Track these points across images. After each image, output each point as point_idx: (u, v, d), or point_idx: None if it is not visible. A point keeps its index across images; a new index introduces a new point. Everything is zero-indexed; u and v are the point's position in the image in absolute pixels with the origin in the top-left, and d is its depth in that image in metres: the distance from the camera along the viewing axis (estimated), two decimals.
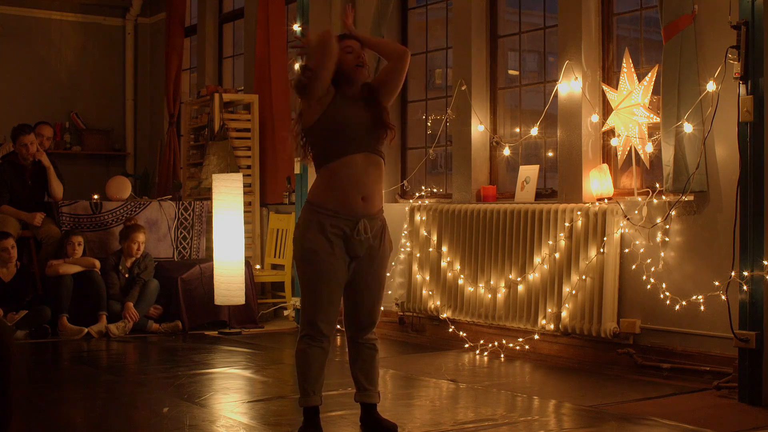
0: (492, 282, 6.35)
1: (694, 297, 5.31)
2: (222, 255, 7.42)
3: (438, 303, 6.74)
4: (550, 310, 5.94)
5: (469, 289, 6.51)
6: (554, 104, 6.22)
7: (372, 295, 4.05)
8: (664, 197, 5.47)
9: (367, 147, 3.92)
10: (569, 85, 6.07)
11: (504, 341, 6.22)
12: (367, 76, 4.05)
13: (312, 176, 8.03)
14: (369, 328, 4.10)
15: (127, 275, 7.39)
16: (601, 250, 5.70)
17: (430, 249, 6.85)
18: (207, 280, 7.53)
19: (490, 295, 6.36)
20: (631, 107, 5.60)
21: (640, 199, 5.62)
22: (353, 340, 4.12)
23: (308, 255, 3.89)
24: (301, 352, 3.96)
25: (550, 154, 6.47)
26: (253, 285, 7.77)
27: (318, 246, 3.88)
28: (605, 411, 4.56)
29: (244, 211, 7.72)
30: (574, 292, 5.82)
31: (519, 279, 6.17)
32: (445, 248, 6.73)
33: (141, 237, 7.42)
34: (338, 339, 6.82)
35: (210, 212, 7.89)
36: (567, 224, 5.89)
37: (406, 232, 7.09)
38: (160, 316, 7.42)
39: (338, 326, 4.56)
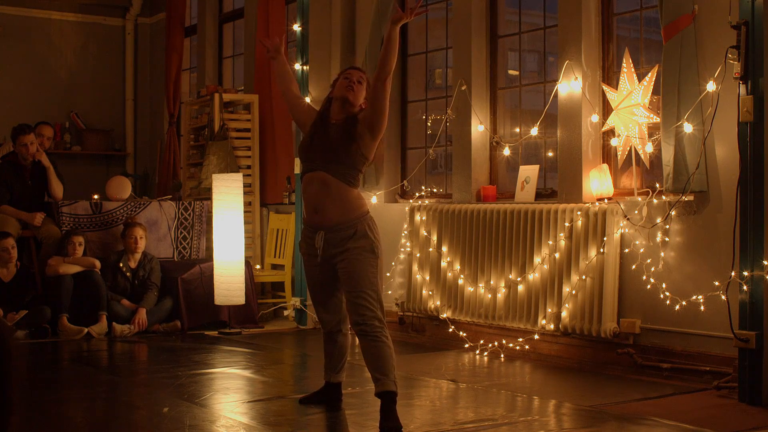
0: (492, 282, 6.35)
1: (694, 297, 5.31)
2: (222, 255, 7.42)
3: (438, 303, 6.74)
4: (550, 310, 5.94)
5: (469, 289, 6.51)
6: (554, 104, 6.22)
7: (349, 286, 4.24)
8: (664, 197, 5.47)
9: (321, 167, 4.28)
10: (569, 85, 6.07)
11: (504, 341, 6.22)
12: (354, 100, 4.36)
13: None
14: (353, 316, 4.25)
15: (129, 274, 7.40)
16: (601, 250, 5.69)
17: (430, 249, 6.85)
18: (207, 280, 7.53)
19: (490, 295, 6.35)
20: (631, 107, 5.60)
21: (640, 199, 5.62)
22: (355, 333, 4.34)
23: (303, 260, 4.51)
24: None
25: (550, 154, 6.47)
26: (253, 285, 7.77)
27: (303, 251, 4.47)
28: (605, 411, 4.56)
29: (244, 211, 7.71)
30: (574, 292, 5.82)
31: (519, 279, 6.16)
32: (445, 248, 6.73)
33: (139, 232, 7.41)
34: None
35: (210, 212, 7.89)
36: (567, 224, 5.89)
37: (406, 232, 7.09)
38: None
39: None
